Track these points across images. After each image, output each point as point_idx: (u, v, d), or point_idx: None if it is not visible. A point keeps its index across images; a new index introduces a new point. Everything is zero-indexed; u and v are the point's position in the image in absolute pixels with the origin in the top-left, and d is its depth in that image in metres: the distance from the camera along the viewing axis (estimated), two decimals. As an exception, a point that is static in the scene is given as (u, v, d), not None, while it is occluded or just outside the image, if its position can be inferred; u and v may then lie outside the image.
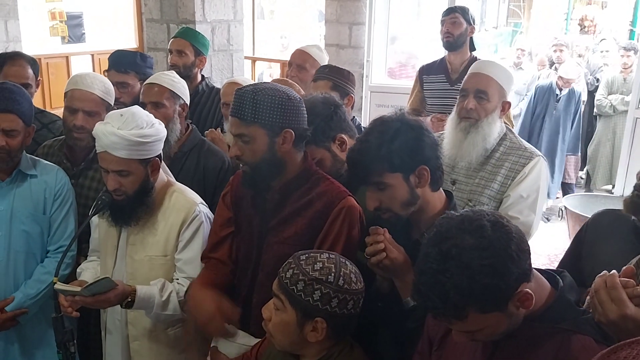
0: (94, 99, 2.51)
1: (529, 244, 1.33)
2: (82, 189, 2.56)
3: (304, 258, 1.61)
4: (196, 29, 4.15)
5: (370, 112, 5.75)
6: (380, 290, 1.80)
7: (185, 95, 2.71)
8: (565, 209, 5.52)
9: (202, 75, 3.58)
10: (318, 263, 1.58)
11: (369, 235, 1.75)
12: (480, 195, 2.37)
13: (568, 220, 5.41)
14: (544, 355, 1.33)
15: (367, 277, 1.69)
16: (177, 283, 2.15)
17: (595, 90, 6.76)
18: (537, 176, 2.35)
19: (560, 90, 6.25)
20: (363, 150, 1.75)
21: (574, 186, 6.71)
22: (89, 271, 2.32)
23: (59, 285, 1.98)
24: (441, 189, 1.85)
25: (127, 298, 2.04)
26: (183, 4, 4.66)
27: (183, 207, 2.17)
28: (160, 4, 4.82)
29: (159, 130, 2.11)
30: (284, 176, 1.93)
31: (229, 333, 2.00)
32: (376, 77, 5.92)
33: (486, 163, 2.40)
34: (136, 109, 2.11)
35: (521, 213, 2.32)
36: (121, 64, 3.16)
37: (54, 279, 2.00)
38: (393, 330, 1.82)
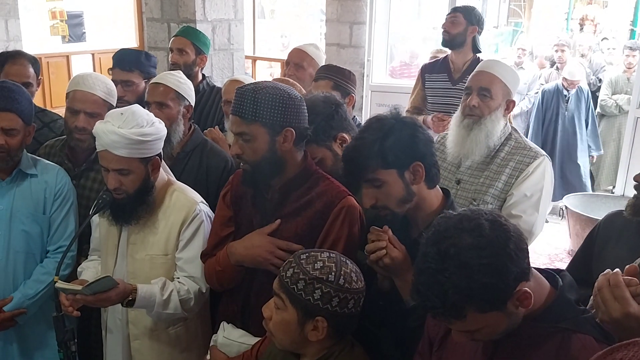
0: (95, 100, 2.50)
1: (527, 243, 1.33)
2: (84, 190, 2.56)
3: (305, 257, 1.61)
4: (197, 28, 4.15)
5: (370, 112, 5.75)
6: (381, 289, 1.79)
7: (190, 97, 2.68)
8: (565, 208, 5.51)
9: (203, 74, 3.58)
10: (318, 262, 1.58)
11: (370, 233, 1.75)
12: (485, 194, 2.37)
13: (569, 219, 5.41)
14: (545, 355, 1.32)
15: (368, 276, 1.69)
16: (178, 282, 2.15)
17: (597, 90, 6.73)
18: (542, 175, 2.36)
19: (568, 90, 6.13)
20: (357, 147, 1.76)
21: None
22: (90, 270, 2.32)
23: (60, 284, 1.97)
24: (438, 186, 1.85)
25: (129, 297, 2.03)
26: (184, 3, 4.66)
27: (184, 206, 2.17)
28: (160, 3, 4.81)
29: (159, 129, 2.11)
30: (284, 175, 1.93)
31: None
32: (377, 77, 5.92)
33: (491, 162, 2.41)
34: (136, 108, 2.11)
35: (524, 212, 2.32)
36: (126, 62, 3.15)
37: (55, 278, 1.99)
38: (394, 329, 1.81)
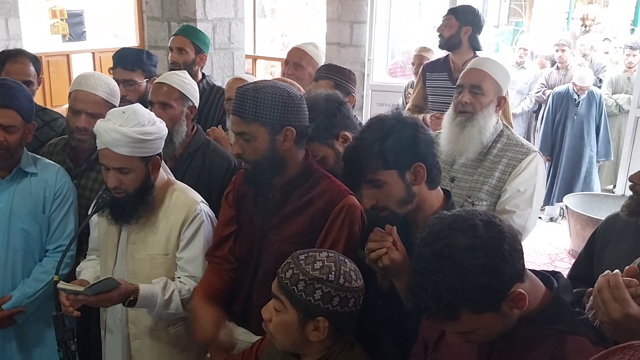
0: (97, 100, 2.49)
1: (522, 243, 1.32)
2: (84, 190, 2.55)
3: (303, 258, 1.60)
4: (197, 27, 4.14)
5: (371, 111, 5.77)
6: (381, 288, 1.79)
7: (194, 98, 2.65)
8: (566, 208, 5.51)
9: (203, 74, 3.58)
10: (318, 262, 1.58)
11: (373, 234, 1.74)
12: (479, 191, 2.38)
13: (569, 219, 5.41)
14: (540, 357, 1.32)
15: (367, 276, 1.68)
16: (179, 281, 2.15)
17: (598, 90, 6.73)
18: (534, 171, 2.38)
19: (578, 95, 6.02)
20: (357, 148, 1.74)
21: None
22: (89, 270, 2.31)
23: (61, 284, 1.97)
24: (439, 187, 1.85)
25: (130, 297, 2.03)
26: (184, 2, 4.65)
27: (184, 206, 2.17)
28: (161, 2, 4.80)
29: (160, 128, 2.11)
30: (285, 174, 1.93)
31: (226, 351, 1.99)
32: (377, 76, 5.93)
33: (484, 159, 2.42)
34: (138, 107, 2.11)
35: (518, 207, 2.34)
36: (127, 61, 3.14)
37: (55, 277, 1.99)
38: (394, 329, 1.81)
